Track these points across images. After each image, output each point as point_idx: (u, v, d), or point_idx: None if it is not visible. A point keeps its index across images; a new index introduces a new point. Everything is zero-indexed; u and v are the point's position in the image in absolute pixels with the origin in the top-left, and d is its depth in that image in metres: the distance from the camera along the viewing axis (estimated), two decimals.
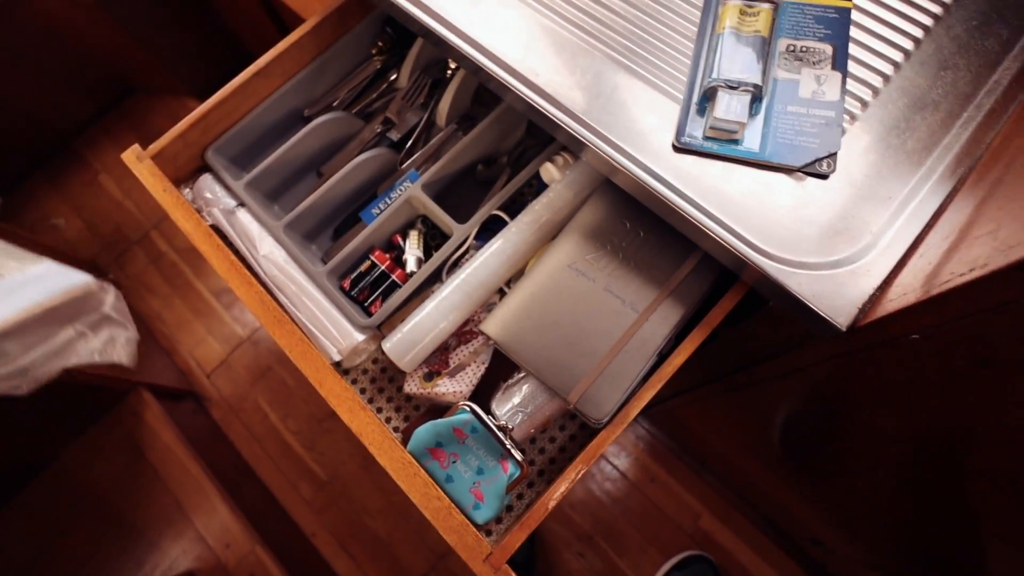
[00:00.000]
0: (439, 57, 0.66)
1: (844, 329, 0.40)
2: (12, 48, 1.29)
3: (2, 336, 0.66)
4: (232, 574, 1.11)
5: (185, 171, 0.61)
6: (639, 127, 0.47)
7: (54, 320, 0.71)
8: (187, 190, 0.60)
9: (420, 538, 1.24)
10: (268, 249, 0.56)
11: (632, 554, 1.23)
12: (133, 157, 0.56)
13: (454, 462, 0.50)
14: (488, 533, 0.52)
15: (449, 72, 0.66)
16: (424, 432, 0.50)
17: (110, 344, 0.77)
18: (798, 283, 0.41)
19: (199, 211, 0.58)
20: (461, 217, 0.58)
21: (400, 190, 0.60)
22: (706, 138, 0.45)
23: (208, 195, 0.59)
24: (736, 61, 0.45)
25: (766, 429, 0.81)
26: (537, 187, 0.61)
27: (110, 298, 0.77)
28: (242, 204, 0.59)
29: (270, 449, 1.32)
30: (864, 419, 0.55)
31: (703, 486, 1.25)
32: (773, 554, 1.18)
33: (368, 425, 0.46)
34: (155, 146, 0.57)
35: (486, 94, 0.64)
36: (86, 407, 1.16)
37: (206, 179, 0.60)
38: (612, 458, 1.28)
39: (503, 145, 0.64)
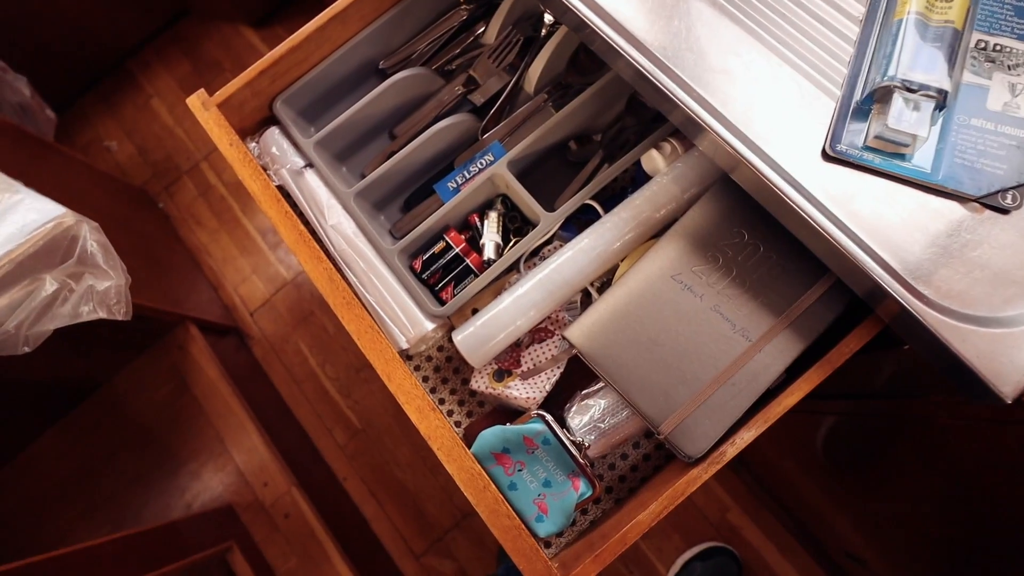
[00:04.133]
0: (534, 11, 0.58)
1: (1009, 401, 0.34)
2: None
3: None
4: (268, 511, 1.15)
5: (251, 121, 0.56)
6: (780, 122, 0.40)
7: (34, 269, 0.58)
8: (253, 144, 0.55)
9: (447, 494, 1.26)
10: (337, 219, 0.52)
11: (655, 537, 1.22)
12: (199, 103, 0.51)
13: (520, 470, 0.47)
14: (547, 545, 0.50)
15: (544, 30, 0.58)
16: (491, 435, 0.47)
17: (93, 295, 0.62)
18: (959, 337, 0.35)
19: (265, 168, 0.54)
20: (545, 198, 0.52)
21: (481, 164, 0.54)
22: (866, 148, 0.38)
23: (275, 151, 0.54)
24: (920, 57, 0.37)
25: (822, 443, 0.77)
26: (635, 175, 0.55)
27: (88, 232, 0.61)
28: (310, 165, 0.54)
29: (308, 392, 1.33)
30: (966, 475, 0.50)
31: (736, 481, 1.22)
32: (802, 560, 1.16)
33: (438, 429, 0.43)
34: (222, 93, 0.52)
35: (584, 60, 0.56)
36: (134, 336, 1.18)
37: (273, 133, 0.55)
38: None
39: (600, 121, 0.57)
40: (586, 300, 0.53)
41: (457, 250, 0.52)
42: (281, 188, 0.54)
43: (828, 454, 0.75)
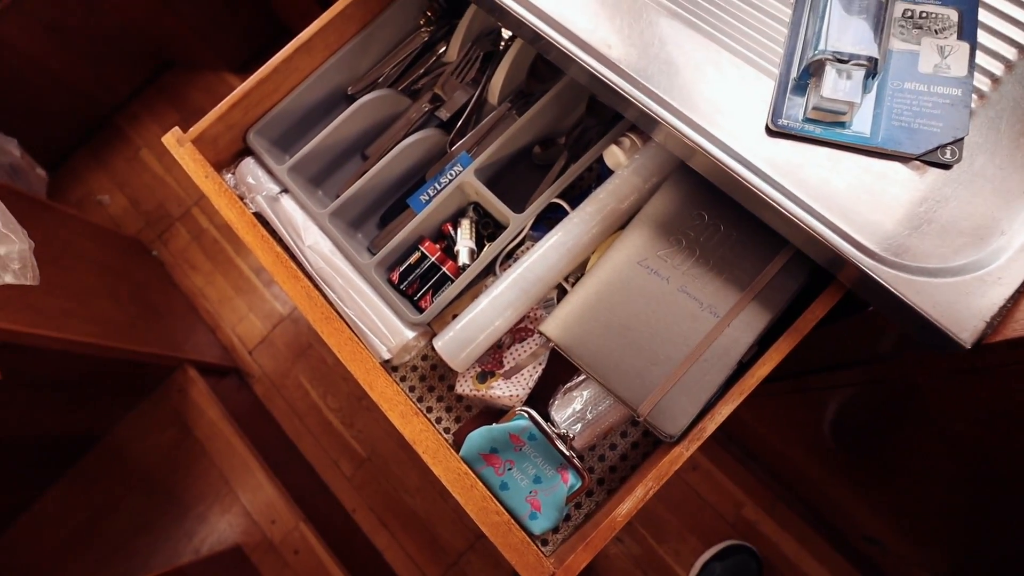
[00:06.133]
0: (491, 28, 0.61)
1: (968, 347, 0.35)
2: (53, 21, 1.28)
3: None
4: (277, 549, 1.14)
5: (226, 154, 0.58)
6: (725, 106, 0.42)
7: None
8: (229, 175, 0.57)
9: (458, 516, 1.25)
10: (313, 239, 0.53)
11: (671, 541, 1.20)
12: (174, 140, 0.53)
13: (510, 469, 0.48)
14: (544, 543, 0.50)
15: (502, 44, 0.60)
16: (478, 437, 0.47)
17: None
18: (915, 291, 0.36)
19: (242, 198, 0.56)
20: (516, 204, 0.53)
21: (451, 175, 0.56)
22: (807, 120, 0.39)
23: (251, 180, 0.56)
24: (847, 30, 0.38)
25: (821, 426, 0.76)
26: (599, 172, 0.56)
27: None
28: (286, 190, 0.56)
29: (311, 425, 1.33)
30: (955, 433, 0.50)
31: (747, 475, 1.21)
32: (820, 548, 1.14)
33: (422, 432, 0.43)
34: (195, 129, 0.54)
35: (543, 68, 0.59)
36: (135, 383, 1.19)
37: (248, 163, 0.57)
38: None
39: (562, 125, 0.59)
40: (562, 296, 0.54)
41: (433, 259, 0.54)
42: (259, 215, 0.56)
43: (836, 437, 0.75)
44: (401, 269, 0.54)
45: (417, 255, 0.54)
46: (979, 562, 0.69)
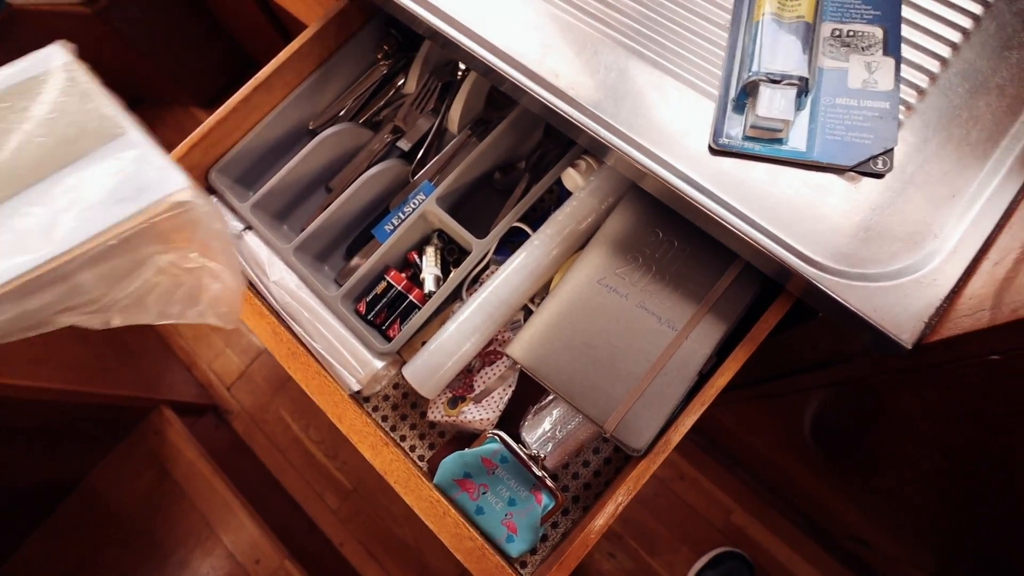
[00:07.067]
0: (448, 59, 0.63)
1: (910, 347, 0.36)
2: None
3: (81, 266, 0.42)
4: None
5: None
6: (670, 128, 0.43)
7: (142, 242, 0.43)
8: None
9: None
10: (279, 275, 0.53)
11: (664, 553, 1.20)
12: None
13: (484, 493, 0.48)
14: (523, 565, 0.50)
15: (460, 74, 0.62)
16: (451, 463, 0.48)
17: (203, 295, 0.49)
18: (856, 297, 0.37)
19: None
20: (479, 229, 0.54)
21: (414, 204, 0.56)
22: (746, 138, 0.41)
23: None
24: (778, 52, 0.40)
25: (801, 429, 0.78)
26: (559, 194, 0.58)
27: (209, 208, 0.45)
28: (249, 227, 0.56)
29: (294, 459, 1.31)
30: (918, 430, 0.51)
31: (734, 481, 1.21)
32: (810, 550, 1.15)
33: (392, 462, 0.43)
34: None
35: (500, 96, 0.60)
36: (109, 427, 1.16)
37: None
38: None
39: (521, 150, 0.60)
40: (529, 317, 0.55)
41: (399, 288, 0.54)
42: None
43: (815, 439, 0.76)
44: (368, 299, 0.54)
45: (383, 285, 0.54)
46: (965, 557, 0.70)
